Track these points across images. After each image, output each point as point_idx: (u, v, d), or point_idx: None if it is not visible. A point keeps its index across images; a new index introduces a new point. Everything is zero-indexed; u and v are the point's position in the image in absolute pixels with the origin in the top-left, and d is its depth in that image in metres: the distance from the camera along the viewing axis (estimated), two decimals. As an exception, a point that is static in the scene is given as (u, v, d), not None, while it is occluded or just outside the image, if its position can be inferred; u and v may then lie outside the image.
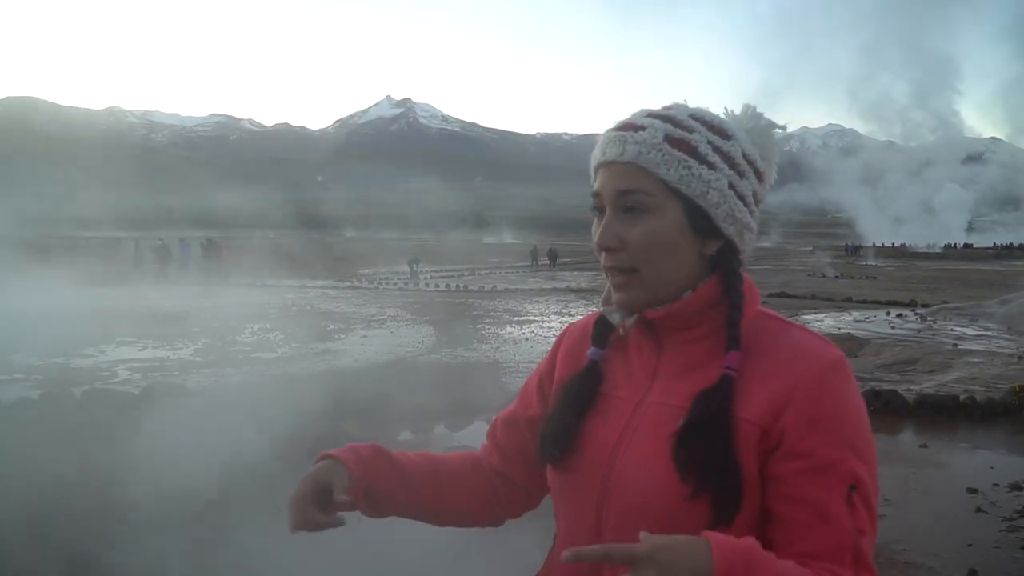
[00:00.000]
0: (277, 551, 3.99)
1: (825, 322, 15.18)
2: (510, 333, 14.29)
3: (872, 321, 15.17)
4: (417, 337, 13.53)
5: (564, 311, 18.15)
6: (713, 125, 1.09)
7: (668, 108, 1.11)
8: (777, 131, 1.15)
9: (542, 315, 17.38)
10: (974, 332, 13.63)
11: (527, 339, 13.48)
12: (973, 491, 5.52)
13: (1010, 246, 73.47)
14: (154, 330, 12.99)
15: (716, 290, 1.09)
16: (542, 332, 14.33)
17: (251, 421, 5.62)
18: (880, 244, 68.10)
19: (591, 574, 1.08)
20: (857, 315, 16.35)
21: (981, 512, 5.16)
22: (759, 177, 1.13)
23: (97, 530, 4.16)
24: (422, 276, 28.75)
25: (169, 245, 30.25)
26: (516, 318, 16.72)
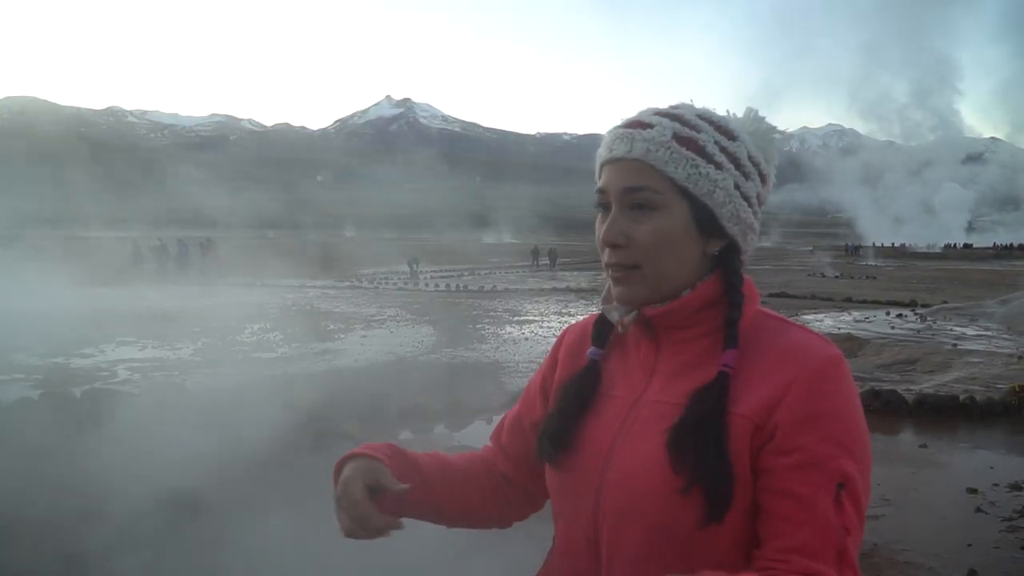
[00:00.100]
0: (277, 551, 4.00)
1: (825, 322, 15.16)
2: (510, 333, 14.27)
3: (872, 321, 15.15)
4: (417, 337, 13.52)
5: (564, 311, 18.12)
6: (720, 126, 1.10)
7: (675, 107, 1.12)
8: (777, 135, 1.16)
9: (542, 315, 17.36)
10: (974, 332, 13.61)
11: (527, 339, 13.47)
12: (973, 491, 5.52)
13: (1010, 246, 73.58)
14: (154, 330, 12.97)
15: (715, 289, 1.09)
16: (542, 332, 14.32)
17: (251, 421, 5.63)
18: (880, 244, 68.19)
19: (591, 574, 1.09)
20: (857, 315, 16.32)
21: (981, 512, 5.15)
22: (762, 179, 1.13)
23: (97, 530, 4.16)
24: (422, 276, 28.70)
25: (168, 245, 30.28)
26: (516, 318, 16.70)
